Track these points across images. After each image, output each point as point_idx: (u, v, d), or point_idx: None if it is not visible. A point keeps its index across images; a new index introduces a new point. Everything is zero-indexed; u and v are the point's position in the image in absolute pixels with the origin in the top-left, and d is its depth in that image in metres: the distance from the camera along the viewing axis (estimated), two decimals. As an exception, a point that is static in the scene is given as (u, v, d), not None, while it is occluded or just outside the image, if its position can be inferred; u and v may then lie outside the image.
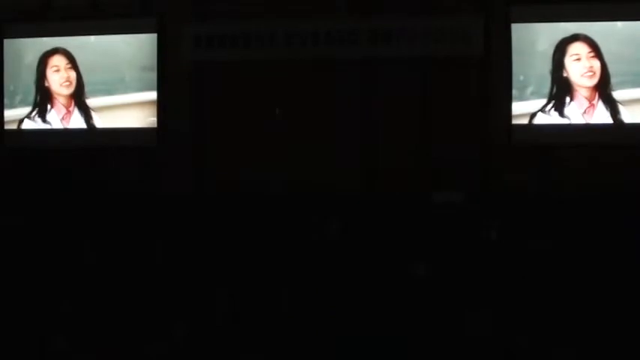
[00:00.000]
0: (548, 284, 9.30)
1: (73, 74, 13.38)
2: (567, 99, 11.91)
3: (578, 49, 11.84)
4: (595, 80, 11.81)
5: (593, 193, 11.55)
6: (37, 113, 13.56)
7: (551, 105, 11.96)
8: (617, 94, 11.76)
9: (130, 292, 9.58)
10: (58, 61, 13.44)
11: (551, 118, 11.96)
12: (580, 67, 11.85)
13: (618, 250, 10.10)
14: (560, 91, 11.92)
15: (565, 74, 11.91)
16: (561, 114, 11.93)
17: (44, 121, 13.52)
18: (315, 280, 9.63)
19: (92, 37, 13.30)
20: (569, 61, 11.89)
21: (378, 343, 8.15)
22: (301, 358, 8.13)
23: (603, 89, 11.80)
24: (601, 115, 11.85)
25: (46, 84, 13.52)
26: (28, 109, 13.60)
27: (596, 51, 11.76)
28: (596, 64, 11.77)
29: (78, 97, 13.40)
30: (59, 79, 13.45)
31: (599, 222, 10.96)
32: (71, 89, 13.42)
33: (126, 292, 9.55)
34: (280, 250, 10.62)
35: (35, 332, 8.54)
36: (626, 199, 11.37)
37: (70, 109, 13.45)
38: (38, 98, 13.53)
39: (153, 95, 13.09)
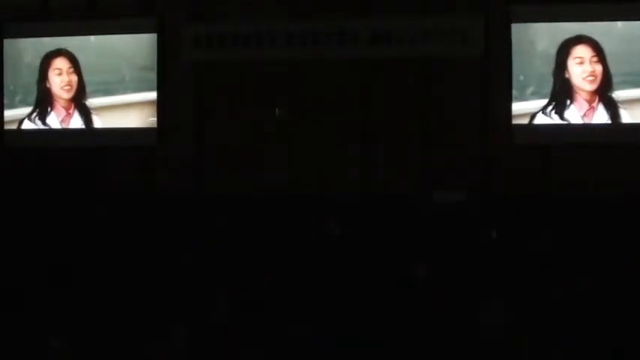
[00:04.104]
0: (548, 284, 9.28)
1: (74, 78, 13.37)
2: (567, 101, 11.90)
3: (581, 51, 11.82)
4: (595, 85, 11.79)
5: (594, 193, 11.56)
6: (37, 114, 13.56)
7: (551, 107, 11.95)
8: (617, 94, 11.75)
9: (129, 292, 9.56)
10: (60, 63, 13.44)
11: (552, 119, 11.96)
12: (582, 71, 11.84)
13: (618, 250, 10.08)
14: (561, 91, 11.92)
15: (567, 75, 11.90)
16: (561, 116, 11.93)
17: (44, 123, 13.53)
18: (315, 280, 9.62)
19: (92, 37, 13.33)
20: (571, 63, 11.87)
21: (378, 343, 8.15)
22: (301, 359, 8.12)
23: (604, 93, 11.79)
24: (601, 117, 11.85)
25: (47, 85, 13.52)
26: (28, 109, 13.61)
27: (599, 55, 11.73)
28: (599, 68, 11.74)
29: (78, 101, 13.42)
30: (60, 82, 13.45)
31: (599, 222, 10.95)
32: (71, 93, 13.42)
33: (126, 292, 9.53)
34: (280, 250, 10.61)
35: (34, 332, 8.53)
36: (626, 200, 11.37)
37: (70, 111, 13.45)
38: (40, 98, 13.56)
39: (153, 95, 13.10)
